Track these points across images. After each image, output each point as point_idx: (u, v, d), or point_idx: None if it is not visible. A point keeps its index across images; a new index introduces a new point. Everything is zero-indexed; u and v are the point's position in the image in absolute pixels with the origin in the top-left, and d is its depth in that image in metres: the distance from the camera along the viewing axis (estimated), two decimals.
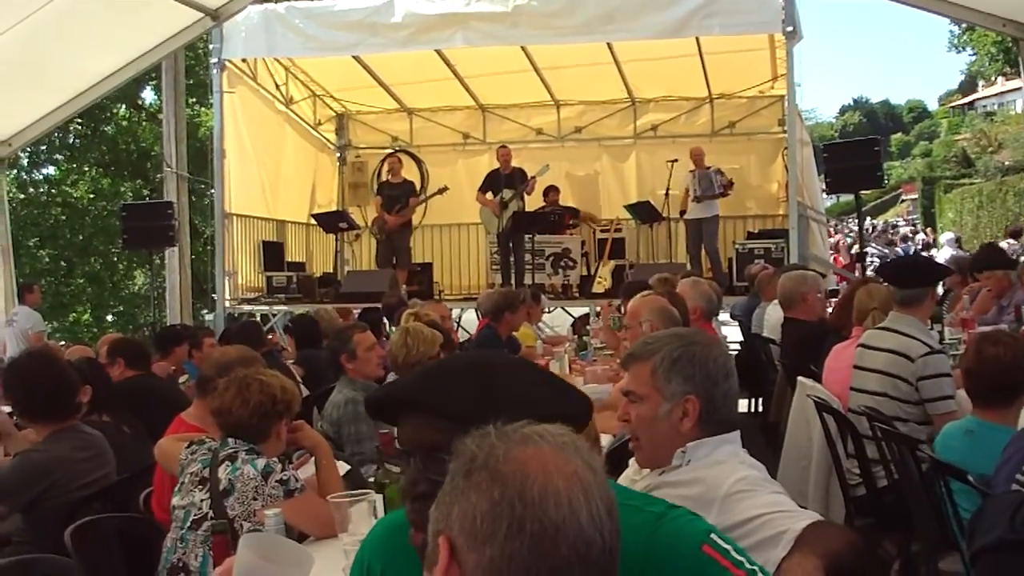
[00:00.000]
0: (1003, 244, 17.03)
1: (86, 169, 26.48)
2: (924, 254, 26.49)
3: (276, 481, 3.38)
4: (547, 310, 11.50)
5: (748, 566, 1.80)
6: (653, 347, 2.56)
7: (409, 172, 14.86)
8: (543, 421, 1.35)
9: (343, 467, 3.97)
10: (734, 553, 1.81)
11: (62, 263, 25.90)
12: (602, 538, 1.25)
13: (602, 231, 14.52)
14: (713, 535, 1.83)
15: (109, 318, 27.09)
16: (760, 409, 8.80)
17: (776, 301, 7.38)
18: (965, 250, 25.55)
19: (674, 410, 2.48)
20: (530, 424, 1.33)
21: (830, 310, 7.19)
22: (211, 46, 12.89)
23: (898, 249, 29.49)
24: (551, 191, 14.18)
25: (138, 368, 6.22)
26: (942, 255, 21.22)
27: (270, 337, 10.13)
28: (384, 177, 14.53)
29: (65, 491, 4.11)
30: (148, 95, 26.49)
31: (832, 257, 27.38)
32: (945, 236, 28.14)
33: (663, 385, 2.50)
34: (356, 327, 5.80)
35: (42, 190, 26.34)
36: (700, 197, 12.87)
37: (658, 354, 2.52)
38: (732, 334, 10.51)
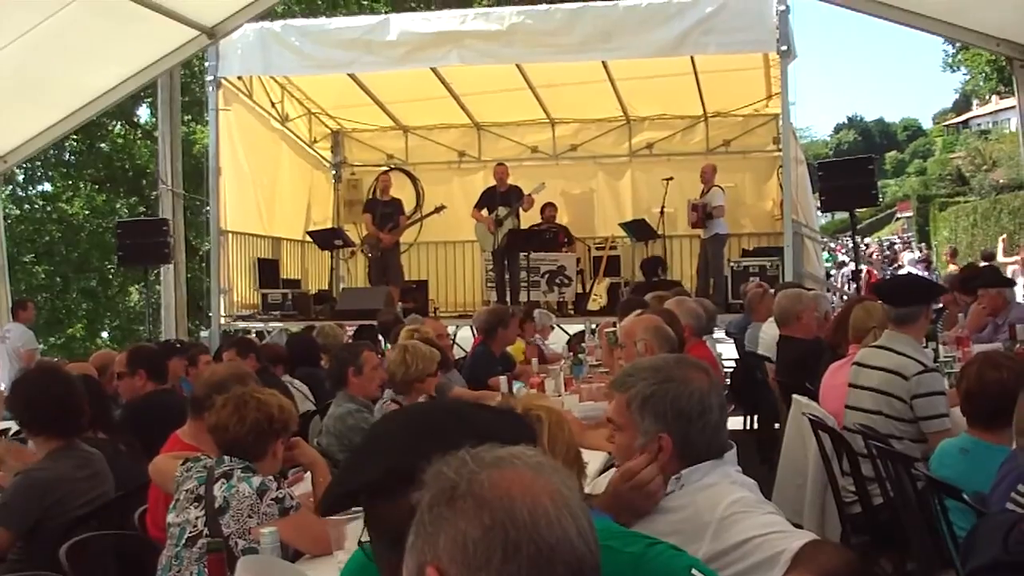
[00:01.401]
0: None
1: (81, 186, 26.46)
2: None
3: (271, 499, 3.38)
4: (553, 327, 11.46)
5: None
6: (630, 380, 2.58)
7: (404, 190, 14.85)
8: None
9: None
10: None
11: (58, 279, 25.81)
12: (591, 552, 1.26)
13: (597, 248, 14.53)
14: (695, 570, 1.82)
15: (104, 334, 27.06)
16: (755, 426, 8.83)
17: (770, 319, 7.40)
18: (931, 269, 25.69)
19: (649, 445, 2.50)
20: (497, 447, 1.33)
21: None
22: (207, 64, 12.87)
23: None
24: (548, 208, 14.22)
25: (159, 381, 6.02)
26: None
27: None
28: (376, 195, 14.54)
29: (66, 510, 4.08)
30: (144, 112, 26.60)
31: (865, 270, 27.66)
32: (907, 257, 28.36)
33: (637, 420, 2.53)
34: (367, 346, 5.91)
35: (37, 206, 26.29)
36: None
37: (633, 388, 2.55)
38: (728, 351, 10.54)
